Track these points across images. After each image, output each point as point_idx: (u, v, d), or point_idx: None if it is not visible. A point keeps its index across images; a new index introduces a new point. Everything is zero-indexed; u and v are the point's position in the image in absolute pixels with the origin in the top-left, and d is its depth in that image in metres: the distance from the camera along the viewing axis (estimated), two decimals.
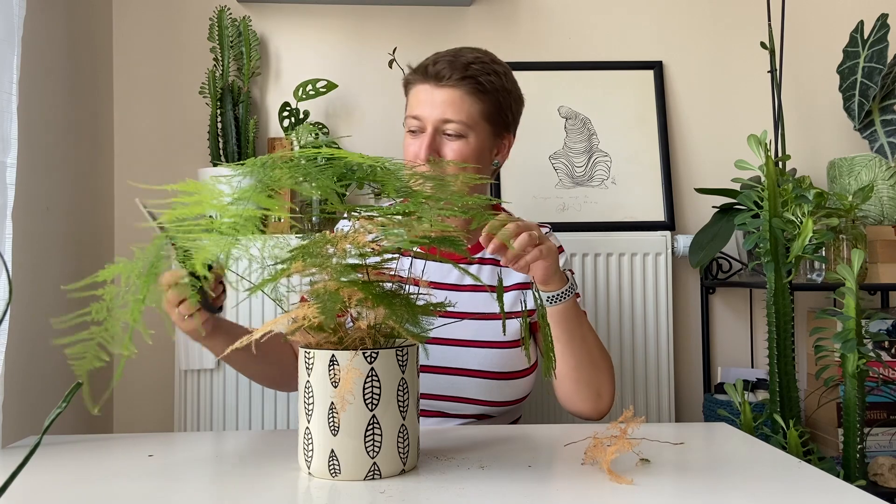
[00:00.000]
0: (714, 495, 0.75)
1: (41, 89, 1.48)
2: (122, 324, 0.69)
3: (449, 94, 1.14)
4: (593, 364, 1.12)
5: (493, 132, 1.20)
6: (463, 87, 1.15)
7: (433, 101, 1.15)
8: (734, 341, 1.92)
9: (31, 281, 1.41)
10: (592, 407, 1.15)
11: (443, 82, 1.14)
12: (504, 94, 1.19)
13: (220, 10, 1.77)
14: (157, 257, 0.69)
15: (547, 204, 1.85)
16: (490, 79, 1.17)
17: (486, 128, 1.18)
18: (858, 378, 1.26)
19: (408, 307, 0.80)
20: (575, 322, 1.09)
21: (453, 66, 1.15)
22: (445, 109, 1.14)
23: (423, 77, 1.16)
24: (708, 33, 1.95)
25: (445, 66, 1.14)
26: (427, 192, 0.79)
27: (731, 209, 1.67)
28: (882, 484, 1.44)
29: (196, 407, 1.65)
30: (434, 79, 1.15)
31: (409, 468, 0.81)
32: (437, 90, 1.15)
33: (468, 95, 1.15)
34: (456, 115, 1.14)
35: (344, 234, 0.78)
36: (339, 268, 0.77)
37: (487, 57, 1.20)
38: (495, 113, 1.19)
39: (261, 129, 1.86)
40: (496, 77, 1.18)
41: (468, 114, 1.15)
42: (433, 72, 1.15)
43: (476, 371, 1.15)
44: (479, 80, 1.15)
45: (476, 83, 1.15)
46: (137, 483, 0.81)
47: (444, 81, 1.14)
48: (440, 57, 1.17)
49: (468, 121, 1.15)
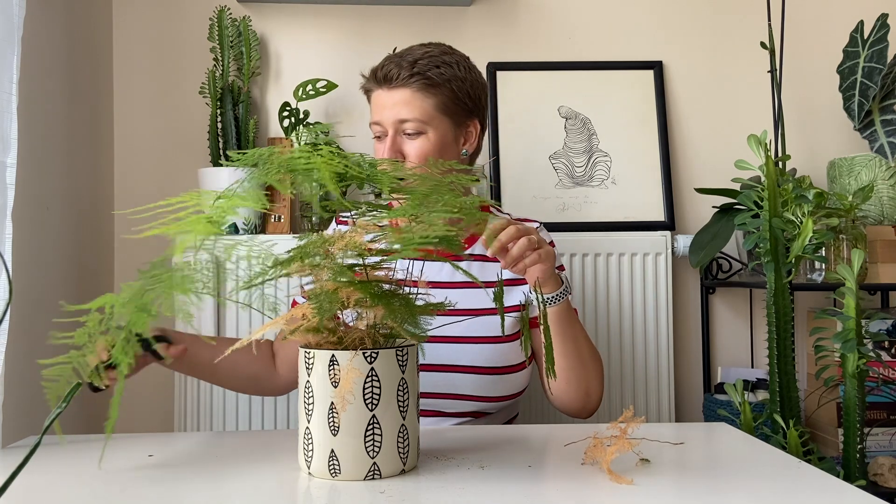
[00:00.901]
0: (714, 495, 0.75)
1: (41, 89, 1.48)
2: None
3: (400, 94, 1.16)
4: (583, 364, 1.14)
5: (454, 122, 1.20)
6: (412, 85, 1.16)
7: (387, 104, 1.17)
8: (734, 341, 1.92)
9: (31, 281, 1.41)
10: (581, 406, 1.17)
11: (393, 84, 1.16)
12: (458, 83, 1.19)
13: (220, 10, 1.77)
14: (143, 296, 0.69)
15: (547, 204, 1.85)
16: (439, 71, 1.17)
17: (444, 120, 1.18)
18: (858, 378, 1.26)
19: (407, 307, 0.80)
20: (567, 323, 1.11)
21: (400, 66, 1.16)
22: (399, 110, 1.16)
23: (375, 82, 1.19)
24: (708, 33, 1.95)
25: (393, 68, 1.16)
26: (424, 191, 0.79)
27: (731, 209, 1.67)
28: (882, 484, 1.44)
29: (196, 407, 1.65)
30: (384, 82, 1.17)
31: (409, 468, 0.81)
32: (389, 93, 1.17)
33: (418, 92, 1.16)
34: (410, 113, 1.16)
35: (341, 235, 0.78)
36: (336, 268, 0.77)
37: (437, 49, 1.20)
38: (451, 103, 1.19)
39: (261, 129, 1.86)
40: (447, 67, 1.18)
41: (421, 110, 1.16)
42: (381, 75, 1.17)
43: (471, 367, 1.16)
44: (426, 75, 1.16)
45: (424, 78, 1.16)
46: (137, 483, 0.81)
47: (394, 83, 1.16)
48: (389, 59, 1.18)
49: (423, 117, 1.16)
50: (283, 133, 1.78)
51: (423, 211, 0.76)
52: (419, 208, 0.76)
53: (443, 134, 1.19)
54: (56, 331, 0.70)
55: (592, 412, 1.19)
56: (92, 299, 0.70)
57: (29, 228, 1.39)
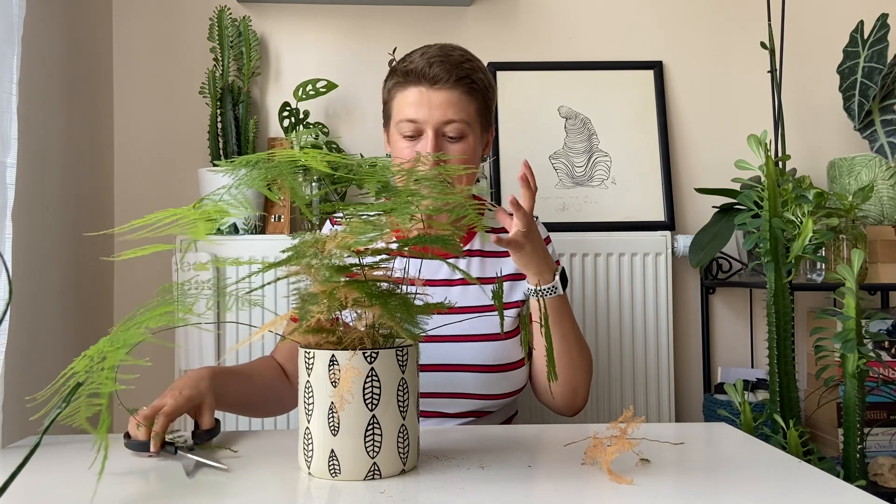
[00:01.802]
0: (714, 495, 0.75)
1: (41, 89, 1.48)
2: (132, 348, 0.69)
3: (447, 95, 1.14)
4: (572, 362, 1.15)
5: (483, 128, 1.21)
6: (460, 87, 1.14)
7: (431, 103, 1.14)
8: (734, 341, 1.92)
9: (31, 281, 1.41)
10: (568, 404, 1.18)
11: (439, 84, 1.13)
12: (491, 91, 1.20)
13: (220, 10, 1.77)
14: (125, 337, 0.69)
15: (547, 204, 1.85)
16: (480, 76, 1.17)
17: (478, 125, 1.19)
18: (858, 378, 1.26)
19: (404, 306, 0.80)
20: (557, 318, 1.11)
21: (448, 68, 1.14)
22: (446, 111, 1.13)
23: (417, 80, 1.14)
24: (708, 33, 1.95)
25: (441, 69, 1.13)
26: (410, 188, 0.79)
27: (731, 209, 1.67)
28: (882, 484, 1.44)
29: None
30: (429, 81, 1.13)
31: (409, 468, 0.81)
32: (433, 92, 1.14)
33: (464, 95, 1.15)
34: (457, 115, 1.14)
35: (333, 234, 0.78)
36: (327, 268, 0.77)
37: (469, 54, 1.20)
38: (485, 110, 1.20)
39: (261, 129, 1.86)
40: (483, 75, 1.18)
41: (467, 113, 1.15)
42: (430, 74, 1.13)
43: (471, 366, 1.15)
44: (472, 78, 1.16)
45: (470, 82, 1.15)
46: (138, 483, 0.81)
47: (441, 83, 1.13)
48: (431, 59, 1.15)
49: (468, 119, 1.16)
50: (283, 133, 1.78)
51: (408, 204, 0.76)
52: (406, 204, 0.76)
53: (477, 139, 1.19)
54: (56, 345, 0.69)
55: (578, 411, 1.20)
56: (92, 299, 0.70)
57: (29, 228, 1.39)
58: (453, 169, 1.07)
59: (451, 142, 1.15)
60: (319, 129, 1.79)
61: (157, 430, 0.89)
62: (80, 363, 0.67)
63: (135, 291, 1.82)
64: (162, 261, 1.71)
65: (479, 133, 1.20)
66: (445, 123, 1.14)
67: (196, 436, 0.93)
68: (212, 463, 0.85)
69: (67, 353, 1.55)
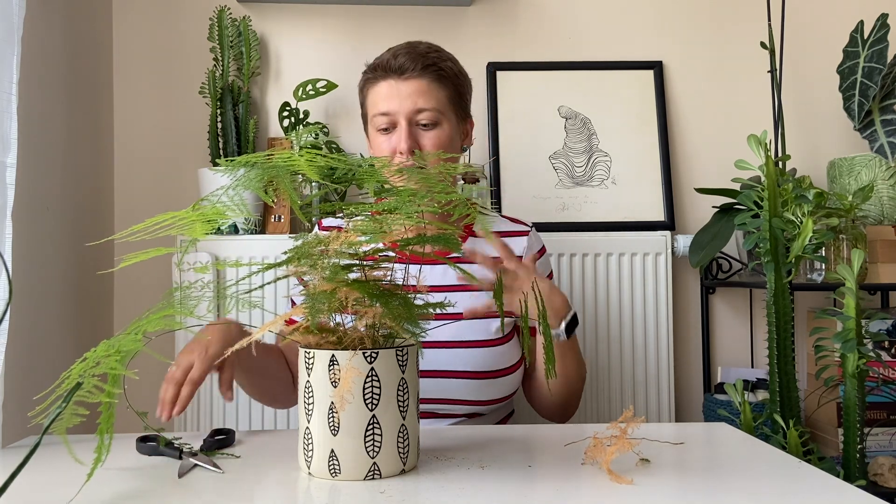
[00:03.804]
0: (714, 495, 0.75)
1: (41, 89, 1.48)
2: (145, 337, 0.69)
3: (415, 84, 1.15)
4: (567, 386, 1.16)
5: (458, 117, 1.22)
6: (427, 76, 1.16)
7: (401, 94, 1.15)
8: (734, 341, 1.92)
9: (31, 281, 1.41)
10: (558, 416, 1.22)
11: (406, 74, 1.15)
12: (462, 79, 1.22)
13: (220, 10, 1.77)
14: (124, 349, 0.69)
15: (547, 204, 1.85)
16: (448, 65, 1.19)
17: (452, 114, 1.20)
18: (858, 378, 1.26)
19: (405, 307, 0.79)
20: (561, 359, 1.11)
21: (413, 57, 1.15)
22: (416, 99, 1.15)
23: (385, 73, 1.17)
24: (708, 33, 1.95)
25: (406, 58, 1.15)
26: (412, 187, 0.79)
27: (731, 209, 1.67)
28: (882, 484, 1.44)
29: (196, 407, 1.65)
30: (396, 72, 1.16)
31: (409, 468, 0.81)
32: (402, 83, 1.15)
33: (433, 83, 1.16)
34: (427, 102, 1.15)
35: (336, 234, 0.78)
36: (332, 268, 0.77)
37: (436, 46, 1.22)
38: (457, 98, 1.21)
39: (261, 129, 1.86)
40: (452, 63, 1.20)
41: (437, 100, 1.16)
42: (395, 65, 1.15)
43: (462, 372, 1.14)
44: (439, 66, 1.17)
45: (438, 69, 1.17)
46: (138, 483, 0.81)
47: (408, 73, 1.15)
48: (396, 51, 1.17)
49: (439, 107, 1.17)
50: (283, 133, 1.78)
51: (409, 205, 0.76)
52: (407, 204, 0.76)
53: (452, 127, 1.20)
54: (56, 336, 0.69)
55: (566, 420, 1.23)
56: (92, 299, 0.70)
57: (29, 228, 1.39)
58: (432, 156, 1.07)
59: (424, 129, 1.16)
60: (319, 129, 1.79)
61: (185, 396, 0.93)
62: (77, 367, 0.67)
63: (135, 291, 1.82)
64: (162, 261, 1.72)
65: (455, 122, 1.20)
66: (417, 112, 1.15)
67: (206, 443, 0.93)
68: (208, 466, 0.85)
69: (67, 353, 1.56)
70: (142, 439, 0.93)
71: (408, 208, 0.75)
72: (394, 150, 1.16)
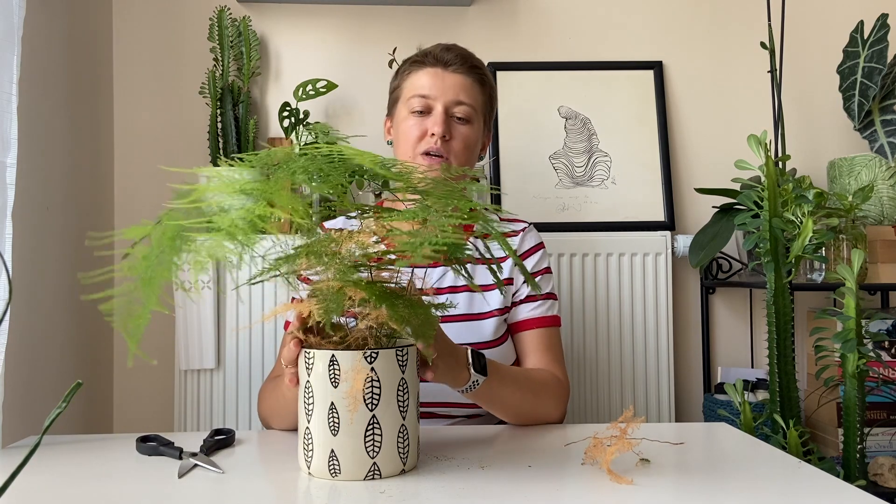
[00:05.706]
0: (714, 495, 0.75)
1: (41, 89, 1.48)
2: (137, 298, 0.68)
3: (460, 79, 1.19)
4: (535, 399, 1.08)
5: (486, 124, 1.25)
6: (471, 76, 1.20)
7: (444, 83, 1.18)
8: (734, 341, 1.92)
9: (31, 281, 1.41)
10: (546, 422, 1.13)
11: (453, 67, 1.19)
12: (495, 94, 1.27)
13: (220, 10, 1.77)
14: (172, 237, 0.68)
15: (547, 204, 1.85)
16: (489, 77, 1.24)
17: (482, 119, 1.23)
18: (858, 378, 1.26)
19: (410, 308, 0.79)
20: (497, 386, 1.01)
21: (463, 57, 1.20)
22: (458, 92, 1.18)
23: (434, 61, 1.20)
24: (708, 33, 1.95)
25: (453, 55, 1.20)
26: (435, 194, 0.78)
27: (731, 209, 1.67)
28: (882, 484, 1.44)
29: (196, 407, 1.65)
30: (443, 64, 1.19)
31: (409, 468, 0.81)
32: (448, 74, 1.19)
33: (476, 84, 1.21)
34: (467, 97, 1.19)
35: (349, 234, 0.78)
36: (344, 267, 0.76)
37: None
38: (489, 107, 1.25)
39: (261, 129, 1.86)
40: (488, 76, 1.25)
41: (475, 99, 1.20)
42: (443, 58, 1.19)
43: None
44: (483, 72, 1.22)
45: (481, 74, 1.22)
46: (137, 483, 0.81)
47: (455, 67, 1.19)
48: (447, 46, 1.21)
49: (476, 106, 1.20)
50: (283, 133, 1.78)
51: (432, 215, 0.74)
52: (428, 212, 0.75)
53: (479, 131, 1.22)
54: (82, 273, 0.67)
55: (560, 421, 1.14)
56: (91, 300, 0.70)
57: (29, 228, 1.39)
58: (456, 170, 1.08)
59: (458, 122, 1.19)
60: (320, 129, 1.79)
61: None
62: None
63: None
64: None
65: (481, 128, 1.23)
66: (456, 104, 1.18)
67: (206, 443, 0.93)
68: (208, 466, 0.85)
69: (67, 353, 1.56)
70: (142, 439, 0.93)
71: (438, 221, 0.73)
72: (424, 131, 1.18)
